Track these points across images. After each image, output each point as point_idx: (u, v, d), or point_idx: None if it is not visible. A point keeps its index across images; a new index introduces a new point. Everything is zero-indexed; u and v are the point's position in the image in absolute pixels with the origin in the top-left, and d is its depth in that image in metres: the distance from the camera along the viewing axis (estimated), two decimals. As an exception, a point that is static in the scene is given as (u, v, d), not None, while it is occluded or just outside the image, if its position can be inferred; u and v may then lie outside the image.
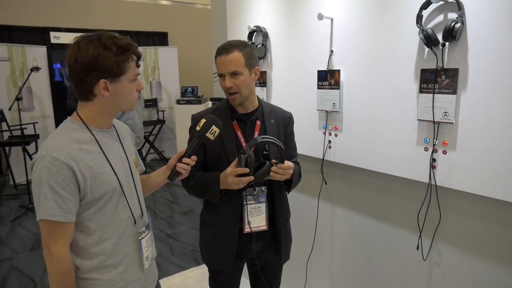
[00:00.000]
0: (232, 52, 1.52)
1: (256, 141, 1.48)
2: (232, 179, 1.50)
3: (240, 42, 1.58)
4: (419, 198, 1.69)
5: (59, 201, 1.12)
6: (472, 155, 1.47)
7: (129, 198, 1.30)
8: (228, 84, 1.53)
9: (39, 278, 3.19)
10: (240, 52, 1.53)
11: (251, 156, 1.47)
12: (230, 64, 1.52)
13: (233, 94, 1.56)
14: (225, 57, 1.52)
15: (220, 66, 1.54)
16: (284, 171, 1.55)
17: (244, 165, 1.46)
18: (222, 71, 1.54)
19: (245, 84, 1.56)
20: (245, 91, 1.57)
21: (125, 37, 1.21)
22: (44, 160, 1.12)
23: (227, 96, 1.59)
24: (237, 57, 1.53)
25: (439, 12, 1.50)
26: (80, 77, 1.16)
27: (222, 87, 1.58)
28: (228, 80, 1.54)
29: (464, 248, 1.60)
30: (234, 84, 1.54)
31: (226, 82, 1.54)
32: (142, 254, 1.34)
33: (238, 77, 1.54)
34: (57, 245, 1.14)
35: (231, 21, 2.66)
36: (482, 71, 1.41)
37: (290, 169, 1.56)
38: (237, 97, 1.57)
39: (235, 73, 1.53)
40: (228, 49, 1.53)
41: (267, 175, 1.53)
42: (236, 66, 1.53)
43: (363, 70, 1.82)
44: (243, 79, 1.55)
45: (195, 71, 7.86)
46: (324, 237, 2.27)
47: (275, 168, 1.53)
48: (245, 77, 1.55)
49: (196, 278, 3.10)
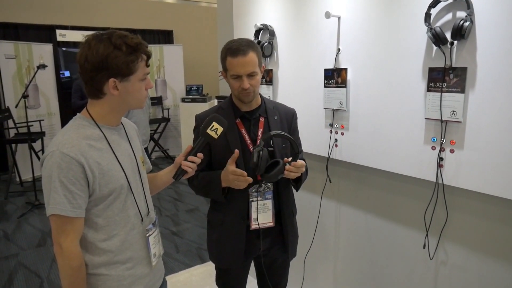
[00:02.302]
0: (249, 53, 1.52)
1: (269, 135, 1.47)
2: (232, 177, 1.51)
3: (251, 41, 1.58)
4: (426, 197, 1.69)
5: (69, 197, 1.13)
6: (480, 154, 1.47)
7: (136, 196, 1.31)
8: (247, 85, 1.53)
9: (46, 274, 3.21)
10: (254, 53, 1.54)
11: (263, 151, 1.46)
12: (248, 66, 1.52)
13: (248, 93, 1.56)
14: (243, 59, 1.51)
15: (238, 68, 1.52)
16: (298, 169, 1.54)
17: (256, 159, 1.45)
18: (240, 72, 1.52)
19: (259, 83, 1.59)
20: (257, 89, 1.60)
21: (135, 36, 1.21)
22: (54, 156, 1.13)
23: (240, 94, 1.58)
24: (254, 58, 1.53)
25: (447, 11, 1.50)
26: (90, 75, 1.16)
27: (236, 87, 1.56)
28: (246, 81, 1.53)
29: (471, 247, 1.60)
30: (251, 85, 1.54)
31: (244, 83, 1.53)
32: (150, 251, 1.34)
33: (254, 77, 1.55)
34: (68, 241, 1.15)
35: (237, 19, 2.66)
36: (491, 70, 1.40)
37: (303, 166, 1.56)
38: (251, 94, 1.57)
39: (252, 74, 1.54)
40: (245, 50, 1.51)
41: (281, 173, 1.52)
42: (254, 67, 1.53)
43: (370, 68, 1.82)
44: (258, 78, 1.57)
45: (200, 69, 7.87)
46: (329, 236, 2.27)
47: (289, 167, 1.52)
48: (259, 76, 1.57)
49: (201, 276, 3.11)
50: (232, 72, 1.54)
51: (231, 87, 1.60)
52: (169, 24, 7.69)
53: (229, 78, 1.58)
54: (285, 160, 1.54)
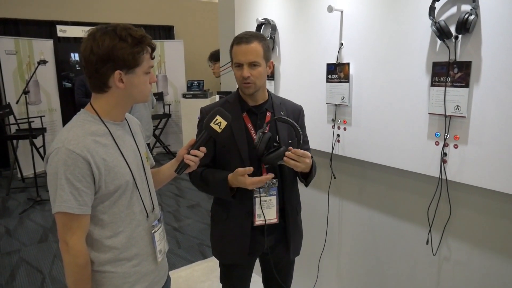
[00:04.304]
0: (253, 42, 1.52)
1: (273, 119, 1.52)
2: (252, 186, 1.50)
3: (259, 33, 1.59)
4: (429, 193, 1.68)
5: (76, 194, 1.12)
6: (484, 149, 1.45)
7: (141, 192, 1.30)
8: (246, 74, 1.52)
9: (48, 270, 3.22)
10: (260, 43, 1.54)
11: (266, 134, 1.48)
12: (250, 54, 1.52)
13: (248, 83, 1.55)
14: (246, 46, 1.52)
15: (239, 55, 1.53)
16: (299, 158, 1.47)
17: (257, 140, 1.47)
18: (241, 60, 1.53)
19: (261, 75, 1.57)
20: (260, 82, 1.57)
21: (139, 28, 1.20)
22: (60, 152, 1.12)
23: (241, 85, 1.58)
24: (257, 48, 1.53)
25: (452, 4, 1.48)
26: (95, 68, 1.15)
27: (237, 76, 1.57)
28: (246, 69, 1.53)
29: (474, 243, 1.59)
30: (251, 75, 1.53)
31: (244, 71, 1.53)
32: (156, 248, 1.34)
33: (255, 68, 1.54)
34: (74, 238, 1.14)
35: (239, 14, 2.64)
36: (496, 64, 1.38)
37: (305, 157, 1.49)
38: (251, 86, 1.56)
39: (254, 64, 1.53)
40: (248, 39, 1.52)
41: (280, 159, 1.48)
42: (256, 57, 1.53)
43: (373, 63, 1.80)
44: (260, 70, 1.55)
45: (201, 64, 7.81)
46: (333, 232, 2.27)
47: (289, 153, 1.47)
48: (262, 68, 1.56)
49: (202, 271, 3.11)
50: (235, 60, 1.56)
51: (235, 77, 1.60)
52: (170, 20, 7.66)
53: (233, 68, 1.59)
54: (290, 148, 1.50)
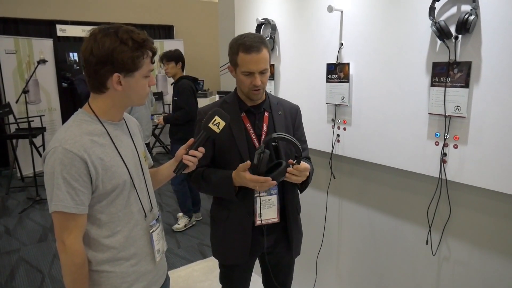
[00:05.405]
0: (263, 50, 1.50)
1: (270, 137, 1.45)
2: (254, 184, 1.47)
3: (262, 37, 1.56)
4: (429, 193, 1.68)
5: (72, 193, 1.12)
6: (483, 149, 1.45)
7: (139, 191, 1.30)
8: (259, 82, 1.52)
9: (47, 269, 3.22)
10: (267, 49, 1.53)
11: (265, 153, 1.44)
12: (262, 63, 1.51)
13: (258, 90, 1.56)
14: (257, 55, 1.49)
15: (250, 64, 1.50)
16: (300, 173, 1.50)
17: (257, 161, 1.43)
18: (253, 69, 1.50)
19: (267, 79, 1.58)
20: (266, 85, 1.59)
21: (142, 31, 1.19)
22: (57, 152, 1.12)
23: (250, 92, 1.56)
24: (266, 55, 1.52)
25: (452, 4, 1.48)
26: (94, 69, 1.15)
27: (247, 84, 1.54)
28: (258, 78, 1.52)
29: (474, 243, 1.59)
30: (262, 82, 1.54)
31: (257, 80, 1.51)
32: (154, 247, 1.34)
33: (265, 74, 1.54)
34: (71, 237, 1.14)
35: (238, 13, 2.64)
36: (496, 65, 1.38)
37: (306, 170, 1.52)
38: (261, 91, 1.57)
39: (264, 71, 1.53)
40: (258, 47, 1.49)
41: (283, 176, 1.49)
42: (266, 64, 1.53)
43: (373, 63, 1.80)
44: (268, 75, 1.56)
45: (201, 64, 7.84)
46: (332, 232, 2.27)
47: (291, 169, 1.49)
48: (269, 72, 1.57)
49: (202, 271, 3.11)
50: (244, 69, 1.52)
51: (240, 83, 1.57)
52: (170, 19, 7.66)
53: (238, 74, 1.55)
54: (290, 162, 1.51)
